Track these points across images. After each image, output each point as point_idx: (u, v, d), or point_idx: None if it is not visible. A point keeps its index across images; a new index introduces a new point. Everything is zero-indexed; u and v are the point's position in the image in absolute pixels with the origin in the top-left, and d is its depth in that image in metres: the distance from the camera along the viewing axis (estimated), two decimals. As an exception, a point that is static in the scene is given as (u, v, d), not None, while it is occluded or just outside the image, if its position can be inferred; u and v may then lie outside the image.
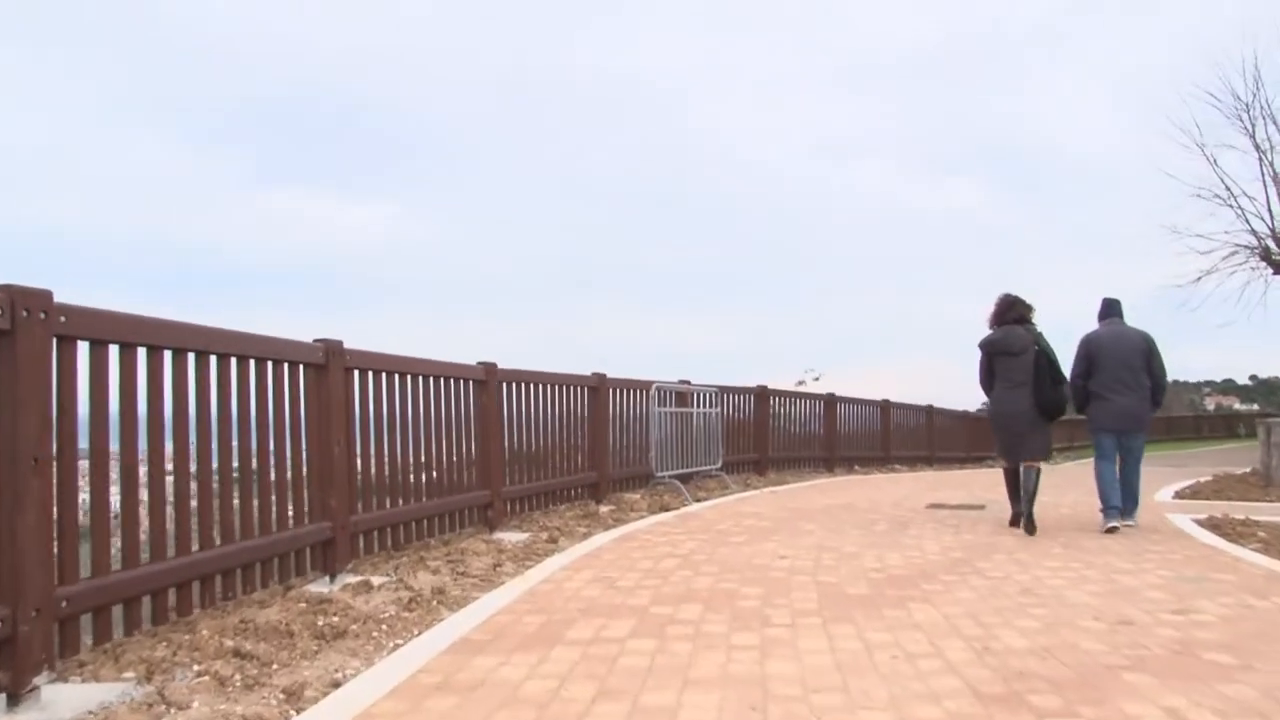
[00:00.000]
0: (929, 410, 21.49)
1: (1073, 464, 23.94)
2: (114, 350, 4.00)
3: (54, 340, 3.59)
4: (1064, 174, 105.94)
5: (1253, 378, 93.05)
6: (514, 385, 8.41)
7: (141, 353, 4.16)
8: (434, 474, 7.04)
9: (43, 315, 3.49)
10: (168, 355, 4.31)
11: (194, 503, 4.52)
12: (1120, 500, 7.95)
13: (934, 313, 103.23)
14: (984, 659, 3.81)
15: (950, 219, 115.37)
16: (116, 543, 4.07)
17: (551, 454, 9.14)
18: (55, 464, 3.57)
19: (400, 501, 6.55)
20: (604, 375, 10.22)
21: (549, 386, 9.11)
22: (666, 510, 9.40)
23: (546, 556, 6.53)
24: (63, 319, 3.61)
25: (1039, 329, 8.09)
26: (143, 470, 4.22)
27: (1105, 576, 5.68)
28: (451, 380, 7.30)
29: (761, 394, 14.76)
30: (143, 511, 4.18)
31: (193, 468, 4.55)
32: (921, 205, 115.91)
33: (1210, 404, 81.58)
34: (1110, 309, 8.40)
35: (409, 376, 6.65)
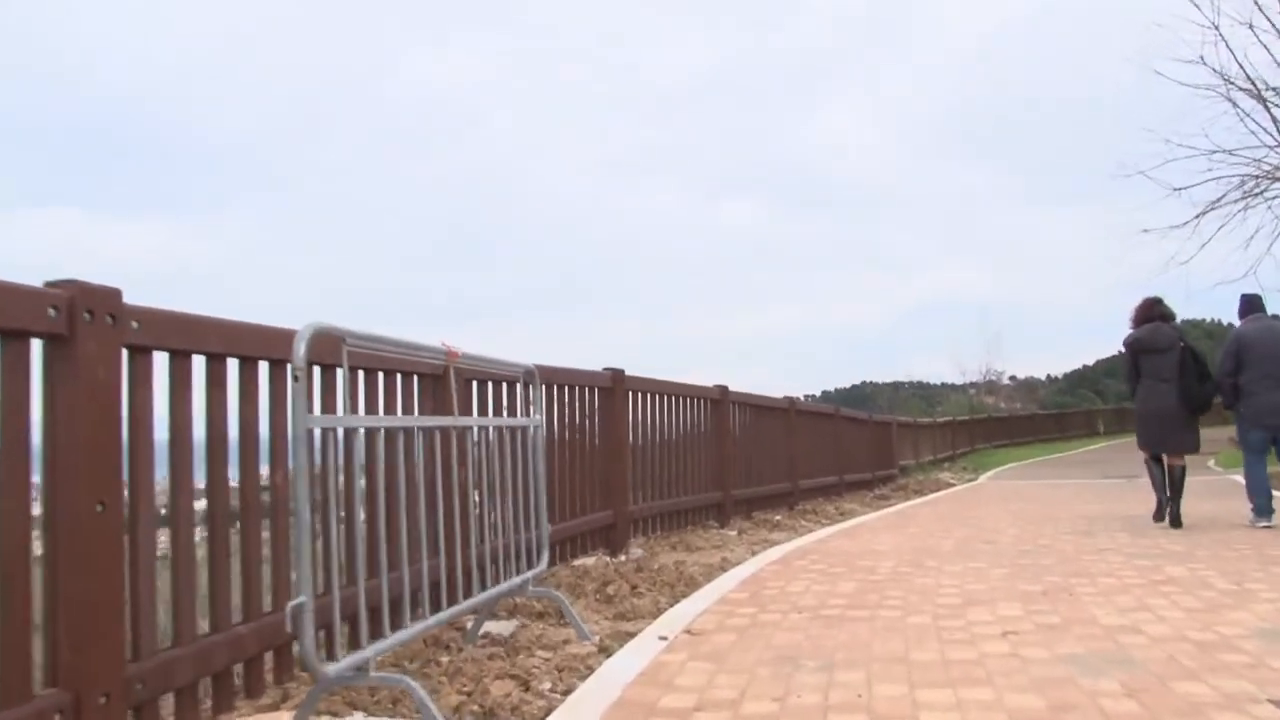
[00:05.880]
0: (835, 415, 14.63)
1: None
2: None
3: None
4: (837, 191, 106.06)
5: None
6: None
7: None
8: None
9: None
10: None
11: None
12: (1271, 501, 7.89)
13: (716, 327, 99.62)
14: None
15: (730, 236, 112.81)
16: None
17: None
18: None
19: None
20: (80, 284, 2.62)
21: None
22: None
23: None
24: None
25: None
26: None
27: None
28: None
29: (617, 384, 7.35)
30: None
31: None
32: (702, 223, 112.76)
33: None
34: (1252, 305, 8.45)
35: None
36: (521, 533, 4.44)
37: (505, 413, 5.53)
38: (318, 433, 3.00)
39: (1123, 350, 8.54)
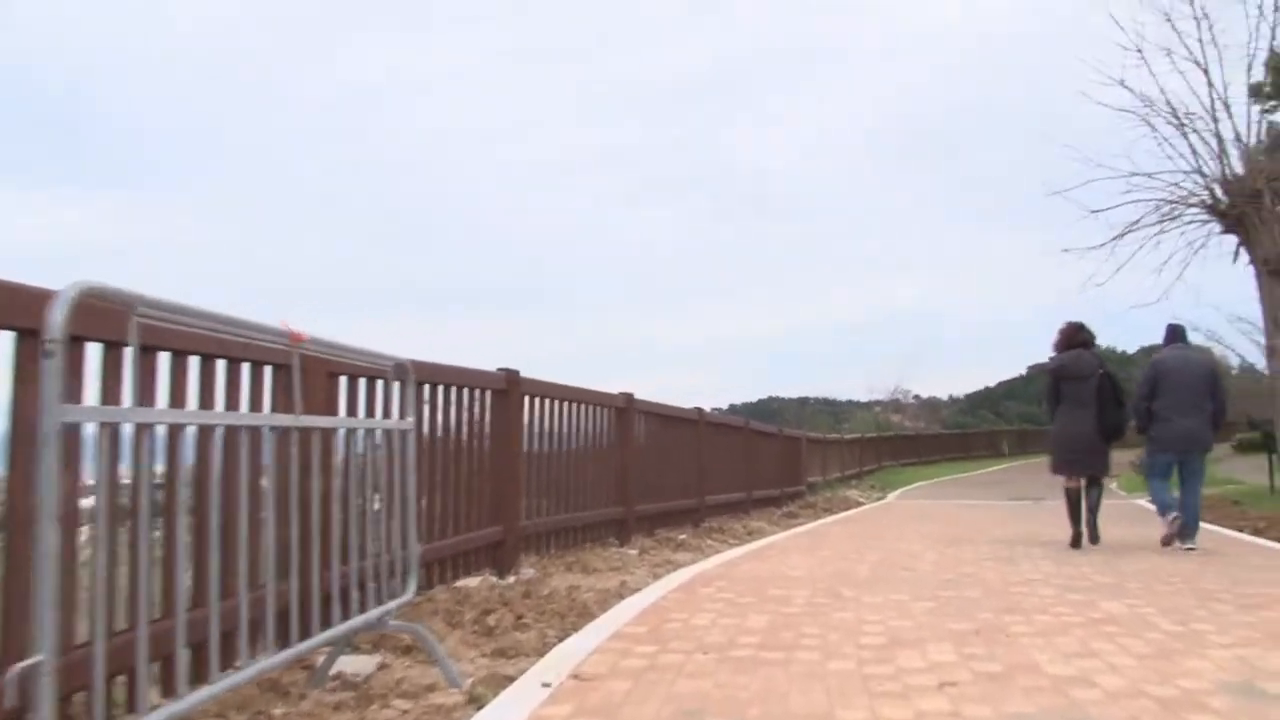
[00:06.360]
0: (744, 428, 14.14)
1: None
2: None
3: None
4: (771, 200, 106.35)
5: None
6: None
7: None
8: None
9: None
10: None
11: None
12: (1171, 497, 8.18)
13: (624, 335, 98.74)
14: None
15: (658, 241, 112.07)
16: None
17: None
18: None
19: None
20: None
21: None
22: None
23: None
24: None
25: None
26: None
27: None
28: None
29: (512, 386, 6.69)
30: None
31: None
32: (631, 227, 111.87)
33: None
34: (1175, 334, 8.67)
35: None
36: (384, 555, 3.76)
37: (380, 414, 4.84)
38: (91, 429, 2.30)
39: (1045, 372, 9.04)
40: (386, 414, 4.87)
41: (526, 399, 6.97)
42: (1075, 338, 8.52)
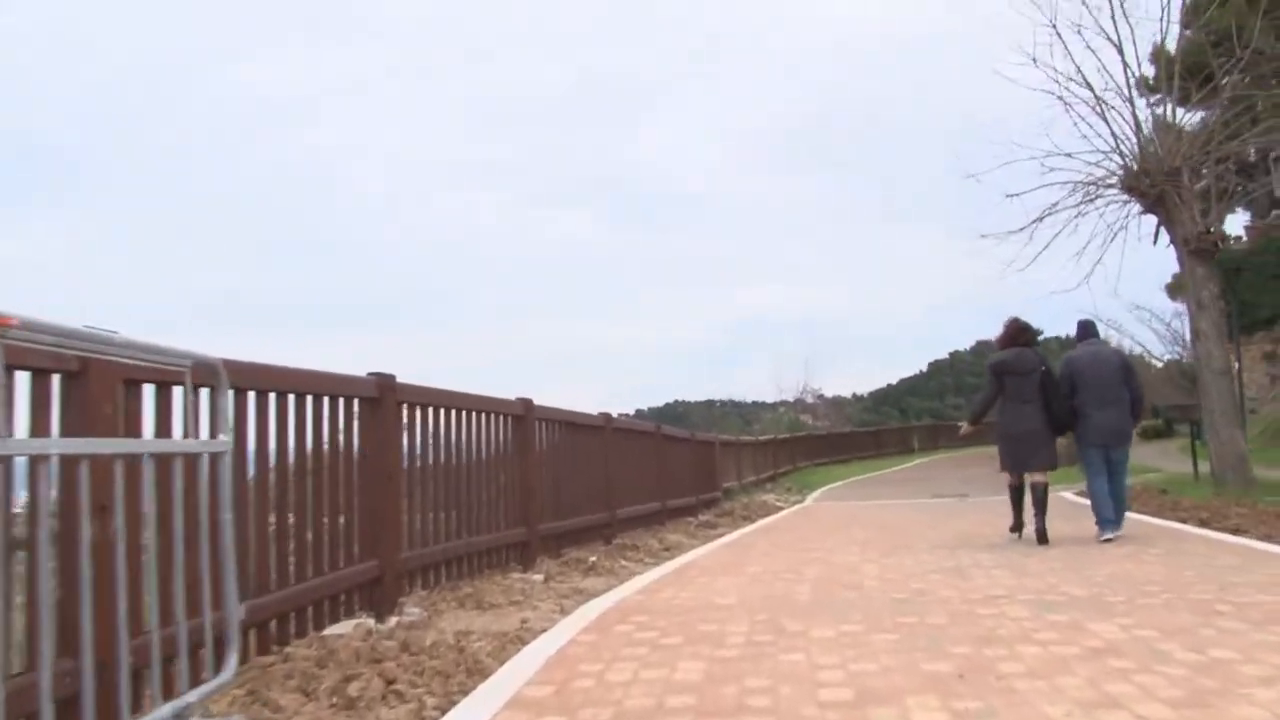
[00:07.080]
0: (656, 433, 13.22)
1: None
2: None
3: None
4: (670, 207, 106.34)
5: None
6: None
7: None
8: None
9: None
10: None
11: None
12: (1113, 512, 8.20)
13: (526, 342, 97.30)
14: None
15: (563, 250, 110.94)
16: None
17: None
18: None
19: None
20: None
21: None
22: None
23: None
24: None
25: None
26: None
27: None
28: None
29: (385, 394, 5.63)
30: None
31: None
32: (537, 236, 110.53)
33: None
34: (1087, 330, 8.93)
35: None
36: (183, 623, 2.73)
37: (205, 432, 3.79)
38: None
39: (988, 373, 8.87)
40: (214, 432, 3.83)
41: (405, 408, 5.95)
42: (1019, 337, 8.64)
